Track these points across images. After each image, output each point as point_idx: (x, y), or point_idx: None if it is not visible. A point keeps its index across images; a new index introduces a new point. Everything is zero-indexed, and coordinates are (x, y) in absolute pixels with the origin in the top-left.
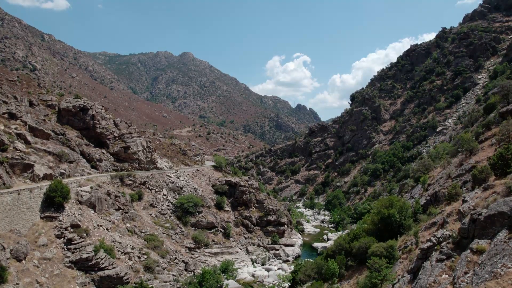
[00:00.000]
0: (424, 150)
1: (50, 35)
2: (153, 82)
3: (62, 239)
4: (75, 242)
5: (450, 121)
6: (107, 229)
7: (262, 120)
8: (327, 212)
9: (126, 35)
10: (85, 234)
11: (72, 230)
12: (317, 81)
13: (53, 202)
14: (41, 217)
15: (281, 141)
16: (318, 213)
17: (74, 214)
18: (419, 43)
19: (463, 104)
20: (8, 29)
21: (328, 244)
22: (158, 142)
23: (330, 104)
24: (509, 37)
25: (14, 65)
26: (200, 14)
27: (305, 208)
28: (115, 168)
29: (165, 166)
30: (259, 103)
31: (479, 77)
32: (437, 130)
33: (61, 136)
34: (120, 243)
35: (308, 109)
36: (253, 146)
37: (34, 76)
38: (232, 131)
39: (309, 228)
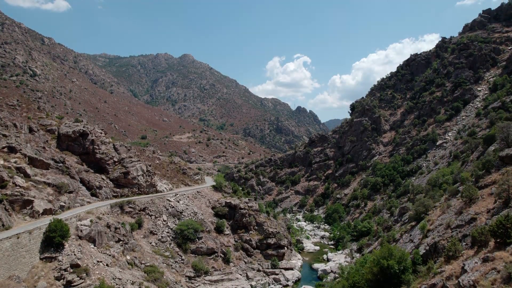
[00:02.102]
0: (424, 164)
1: (50, 38)
2: (153, 84)
3: (62, 281)
4: (74, 284)
5: (450, 134)
6: (107, 265)
7: (262, 123)
8: (327, 227)
9: (126, 37)
10: (84, 274)
11: (71, 270)
12: (317, 82)
13: (52, 242)
14: (40, 258)
15: (281, 144)
16: (318, 227)
17: (74, 252)
18: (419, 53)
19: (463, 117)
20: (8, 34)
21: (328, 266)
22: (157, 161)
23: (330, 104)
24: (509, 48)
25: (14, 71)
26: (200, 16)
27: (305, 221)
28: (115, 194)
29: (165, 188)
30: (259, 106)
31: (479, 89)
32: (437, 143)
33: (61, 164)
34: (120, 279)
35: (308, 111)
36: (253, 152)
37: (33, 82)
38: (232, 136)
39: (309, 246)
